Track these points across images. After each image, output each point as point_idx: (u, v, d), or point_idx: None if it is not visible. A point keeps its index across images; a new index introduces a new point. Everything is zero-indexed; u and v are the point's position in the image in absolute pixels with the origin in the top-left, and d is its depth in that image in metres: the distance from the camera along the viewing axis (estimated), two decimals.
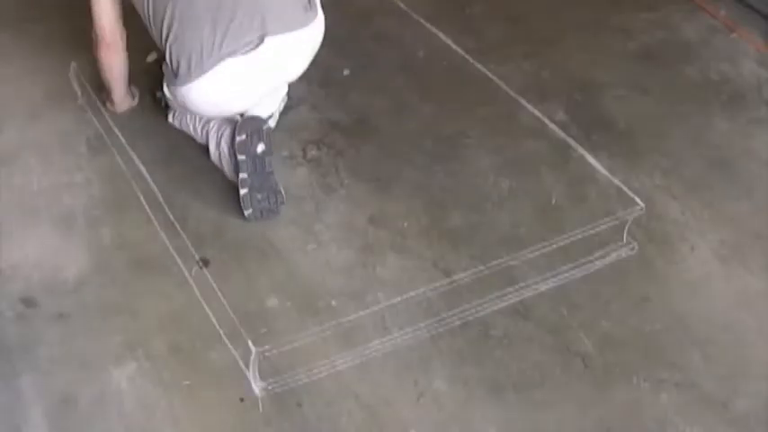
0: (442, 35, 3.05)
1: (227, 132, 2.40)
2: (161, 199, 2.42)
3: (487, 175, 2.54)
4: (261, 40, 2.31)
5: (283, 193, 2.40)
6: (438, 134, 2.66)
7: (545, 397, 2.01)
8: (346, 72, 2.86)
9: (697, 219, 2.42)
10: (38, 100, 2.75)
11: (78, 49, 2.90)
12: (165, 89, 2.47)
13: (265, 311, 2.17)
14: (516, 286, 2.23)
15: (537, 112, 2.72)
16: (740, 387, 2.04)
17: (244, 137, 2.32)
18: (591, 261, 2.29)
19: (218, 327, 2.11)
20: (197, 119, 2.52)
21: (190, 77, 2.33)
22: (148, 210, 2.40)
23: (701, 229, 2.39)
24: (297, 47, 2.41)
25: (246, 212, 2.36)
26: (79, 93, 2.76)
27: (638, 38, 3.07)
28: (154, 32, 2.43)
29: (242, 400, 1.99)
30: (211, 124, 2.47)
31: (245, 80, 2.38)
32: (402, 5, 3.14)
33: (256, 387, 2.00)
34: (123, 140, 2.60)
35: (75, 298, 2.19)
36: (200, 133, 2.52)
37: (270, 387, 2.01)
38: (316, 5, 2.42)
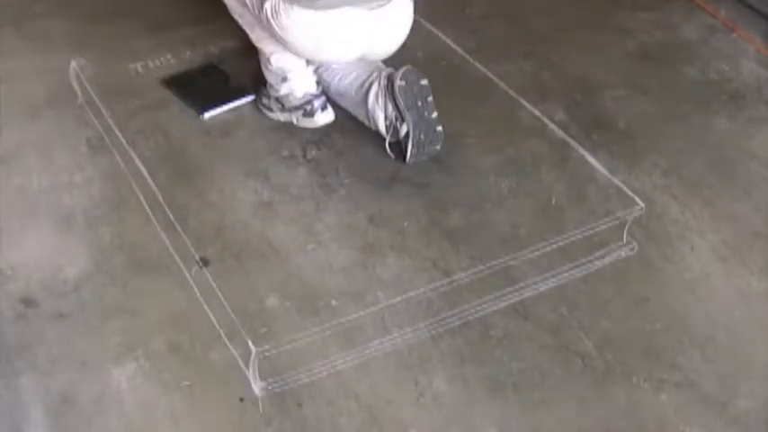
0: (441, 35, 3.05)
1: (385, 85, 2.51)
2: (161, 199, 2.42)
3: (487, 175, 2.54)
4: (381, 5, 2.45)
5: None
6: None
7: (545, 396, 2.01)
8: None
9: (697, 219, 2.42)
10: (38, 100, 2.75)
11: (78, 49, 2.91)
12: (269, 4, 2.44)
13: (265, 311, 2.17)
14: (516, 286, 2.23)
15: (537, 112, 2.73)
16: (740, 387, 2.04)
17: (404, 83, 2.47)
18: (591, 261, 2.29)
19: (218, 327, 2.11)
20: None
21: (310, 4, 2.38)
22: (148, 210, 2.40)
23: (701, 228, 2.39)
24: (400, 19, 2.56)
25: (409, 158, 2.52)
26: (79, 93, 2.76)
27: (638, 37, 3.07)
28: None
29: (242, 400, 1.99)
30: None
31: (357, 32, 2.47)
32: None
33: (256, 387, 2.00)
34: (123, 140, 2.60)
35: (75, 298, 2.19)
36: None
37: (270, 387, 2.01)
38: None
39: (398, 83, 2.49)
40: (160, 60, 2.91)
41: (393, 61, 2.63)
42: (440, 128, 2.53)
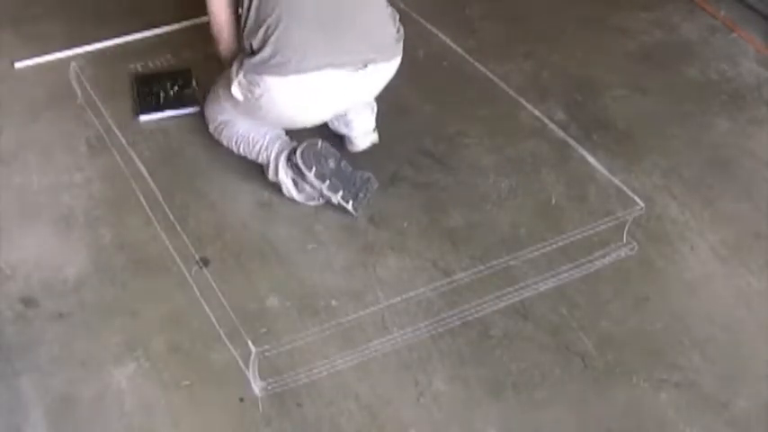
0: (441, 35, 3.04)
1: (286, 166, 2.40)
2: (161, 199, 2.42)
3: (487, 175, 2.54)
4: (365, 66, 2.37)
5: (372, 176, 2.42)
6: (438, 134, 2.65)
7: (545, 397, 2.01)
8: None
9: (697, 219, 2.42)
10: (38, 100, 2.75)
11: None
12: (236, 87, 2.38)
13: (265, 311, 2.17)
14: (516, 286, 2.23)
15: (537, 112, 2.72)
16: (740, 387, 2.04)
17: (315, 168, 2.35)
18: (591, 261, 2.29)
19: (218, 327, 2.12)
20: (251, 138, 2.47)
21: (287, 71, 2.30)
22: (148, 210, 2.40)
23: (701, 228, 2.39)
24: (385, 74, 2.47)
25: (356, 213, 2.39)
26: (79, 93, 2.76)
27: (638, 37, 3.07)
28: (249, 23, 2.35)
29: (242, 400, 1.99)
30: (270, 149, 2.43)
31: (334, 94, 2.41)
32: (402, 5, 3.14)
33: (256, 387, 2.01)
34: (123, 140, 2.60)
35: (75, 298, 2.19)
36: (256, 153, 2.46)
37: (270, 387, 2.01)
38: (402, 35, 2.48)
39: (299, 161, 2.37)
40: (160, 60, 2.91)
41: None
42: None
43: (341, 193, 2.37)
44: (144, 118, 2.68)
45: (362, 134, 2.55)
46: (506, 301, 2.20)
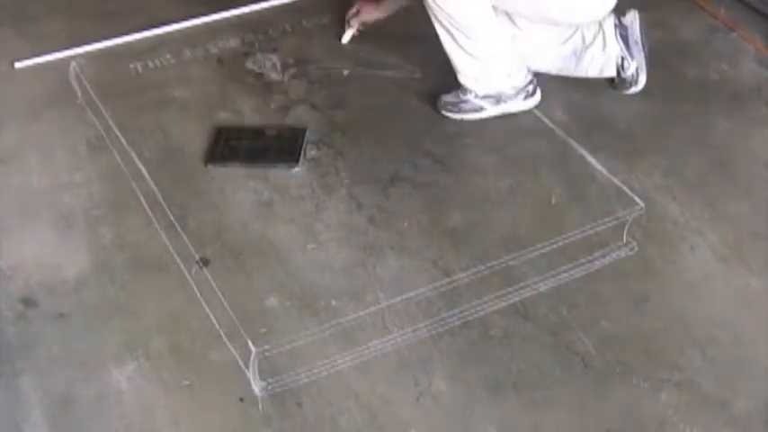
0: None
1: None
2: (161, 199, 2.42)
3: (487, 175, 2.54)
4: None
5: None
6: (438, 134, 2.66)
7: (545, 397, 2.01)
8: (346, 72, 2.85)
9: (697, 219, 2.42)
10: (38, 100, 2.75)
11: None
12: None
13: (265, 311, 2.17)
14: (516, 286, 2.23)
15: (537, 112, 2.72)
16: (740, 387, 2.04)
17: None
18: (591, 261, 2.29)
19: (218, 327, 2.12)
20: None
21: None
22: (148, 210, 2.40)
23: (701, 229, 2.39)
24: None
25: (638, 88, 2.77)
26: (79, 93, 2.76)
27: None
28: None
29: (242, 400, 1.99)
30: None
31: None
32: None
33: (256, 387, 2.01)
34: (123, 140, 2.60)
35: (75, 298, 2.19)
36: None
37: (270, 387, 2.01)
38: None
39: (636, 25, 2.73)
40: (160, 60, 2.91)
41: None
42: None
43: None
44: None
45: None
46: (506, 301, 2.20)
